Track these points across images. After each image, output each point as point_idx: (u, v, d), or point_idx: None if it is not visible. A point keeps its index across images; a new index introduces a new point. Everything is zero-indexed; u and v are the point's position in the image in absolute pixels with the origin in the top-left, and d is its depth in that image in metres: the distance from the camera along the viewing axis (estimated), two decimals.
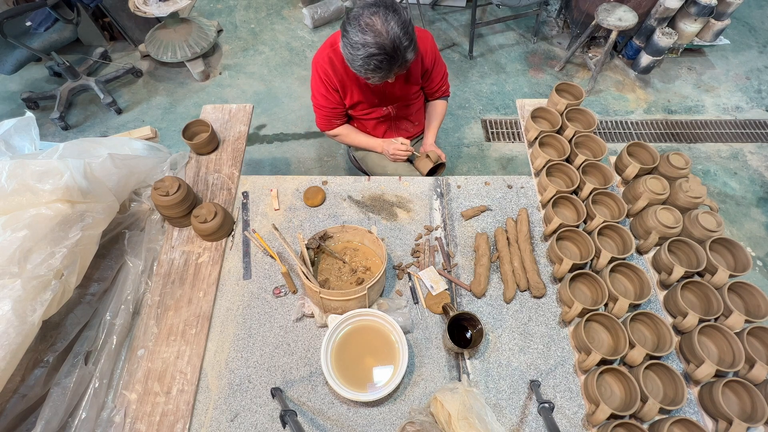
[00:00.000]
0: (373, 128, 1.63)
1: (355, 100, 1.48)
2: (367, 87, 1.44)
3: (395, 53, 1.12)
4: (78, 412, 0.98)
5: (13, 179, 0.95)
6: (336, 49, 1.35)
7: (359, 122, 1.62)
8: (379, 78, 1.19)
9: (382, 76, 1.18)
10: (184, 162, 1.44)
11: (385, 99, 1.51)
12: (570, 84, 1.48)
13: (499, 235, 1.27)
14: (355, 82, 1.42)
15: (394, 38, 1.10)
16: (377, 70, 1.15)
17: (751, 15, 3.55)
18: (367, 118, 1.57)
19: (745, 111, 2.91)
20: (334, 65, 1.38)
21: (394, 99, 1.52)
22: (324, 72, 1.39)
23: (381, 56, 1.11)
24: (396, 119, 1.62)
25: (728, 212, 2.39)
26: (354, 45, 1.12)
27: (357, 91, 1.45)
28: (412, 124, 1.68)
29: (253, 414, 1.02)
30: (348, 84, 1.43)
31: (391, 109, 1.55)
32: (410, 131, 1.70)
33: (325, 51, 1.38)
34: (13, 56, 2.26)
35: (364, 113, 1.55)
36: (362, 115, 1.56)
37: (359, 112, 1.55)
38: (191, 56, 2.70)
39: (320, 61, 1.38)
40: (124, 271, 1.18)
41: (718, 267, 1.10)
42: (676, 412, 0.98)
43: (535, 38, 3.25)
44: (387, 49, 1.11)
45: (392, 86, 1.44)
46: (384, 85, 1.41)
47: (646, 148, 1.36)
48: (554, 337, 1.13)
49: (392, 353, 1.07)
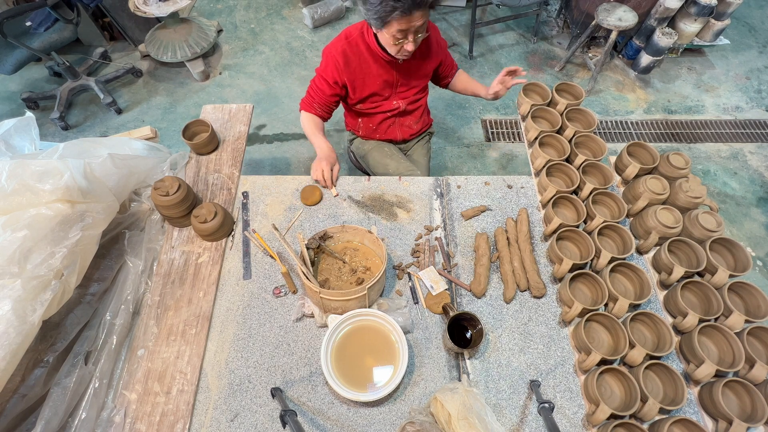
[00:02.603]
0: (378, 123, 1.63)
1: (368, 92, 1.49)
2: (382, 78, 1.45)
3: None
4: (78, 412, 0.98)
5: (13, 179, 0.95)
6: (351, 41, 1.37)
7: (367, 117, 1.62)
8: (398, 14, 1.15)
9: (401, 8, 1.14)
10: (184, 162, 1.44)
11: (397, 89, 1.52)
12: (570, 84, 1.48)
13: (499, 235, 1.27)
14: (370, 73, 1.43)
15: None
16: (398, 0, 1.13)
17: (751, 15, 3.55)
18: (376, 111, 1.58)
19: (745, 111, 2.91)
20: (348, 57, 1.38)
21: (407, 87, 1.53)
22: (335, 62, 1.39)
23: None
24: (403, 115, 1.64)
25: (728, 212, 2.39)
26: None
27: (371, 83, 1.46)
28: (415, 121, 1.69)
29: (253, 414, 1.02)
30: (361, 77, 1.43)
31: (401, 103, 1.56)
32: (413, 128, 1.71)
33: (340, 43, 1.38)
34: (13, 56, 2.26)
35: (374, 106, 1.56)
36: (372, 109, 1.57)
37: (369, 105, 1.55)
38: (191, 56, 2.70)
39: (333, 52, 1.39)
40: (124, 271, 1.18)
41: (718, 267, 1.10)
42: (676, 412, 0.98)
43: (535, 38, 3.25)
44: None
45: (407, 72, 1.47)
46: (398, 73, 1.45)
47: (646, 148, 1.36)
48: (554, 337, 1.13)
49: (392, 353, 1.07)
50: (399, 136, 1.70)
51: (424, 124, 1.75)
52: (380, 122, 1.63)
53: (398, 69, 1.45)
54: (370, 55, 1.39)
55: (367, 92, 1.49)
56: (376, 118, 1.62)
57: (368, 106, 1.56)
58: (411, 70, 1.49)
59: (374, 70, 1.42)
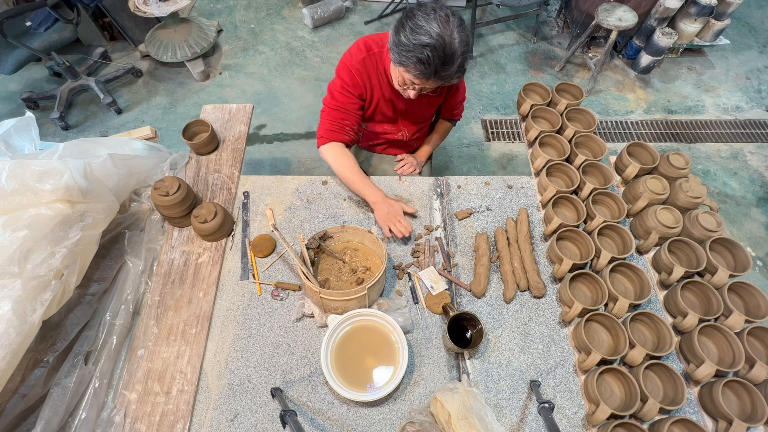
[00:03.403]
0: (374, 144, 1.63)
1: (377, 111, 1.42)
2: (392, 102, 1.39)
3: (447, 60, 1.09)
4: (78, 412, 0.98)
5: (13, 179, 0.95)
6: (372, 54, 1.28)
7: (367, 135, 1.61)
8: (416, 72, 1.12)
9: (421, 71, 1.11)
10: (184, 162, 1.44)
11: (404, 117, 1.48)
12: (570, 84, 1.49)
13: (499, 235, 1.27)
14: (383, 94, 1.35)
15: (456, 49, 1.08)
16: (423, 63, 1.09)
17: (751, 15, 3.55)
18: (379, 134, 1.54)
19: (745, 111, 2.91)
20: (368, 68, 1.29)
21: (414, 118, 1.49)
22: (357, 71, 1.28)
23: (436, 53, 1.07)
24: (403, 146, 1.63)
25: (728, 212, 2.39)
26: (419, 28, 1.07)
27: (382, 103, 1.39)
28: (416, 146, 1.69)
29: (253, 414, 1.02)
30: (371, 92, 1.35)
31: (405, 134, 1.53)
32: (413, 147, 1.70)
33: (361, 54, 1.28)
34: (13, 56, 2.26)
35: (380, 131, 1.52)
36: (377, 134, 1.54)
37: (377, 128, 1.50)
38: (191, 56, 2.70)
39: (354, 62, 1.28)
40: (124, 271, 1.18)
41: (718, 267, 1.10)
42: (676, 412, 0.98)
43: (535, 38, 3.25)
44: (445, 52, 1.07)
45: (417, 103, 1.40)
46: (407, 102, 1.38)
47: (646, 148, 1.36)
48: (554, 337, 1.13)
49: (392, 353, 1.07)
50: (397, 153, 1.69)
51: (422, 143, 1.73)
52: (381, 143, 1.62)
53: (408, 99, 1.35)
54: (386, 77, 1.31)
55: (376, 111, 1.42)
56: (378, 140, 1.60)
57: (375, 129, 1.51)
58: (421, 102, 1.42)
59: (386, 93, 1.35)
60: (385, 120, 1.48)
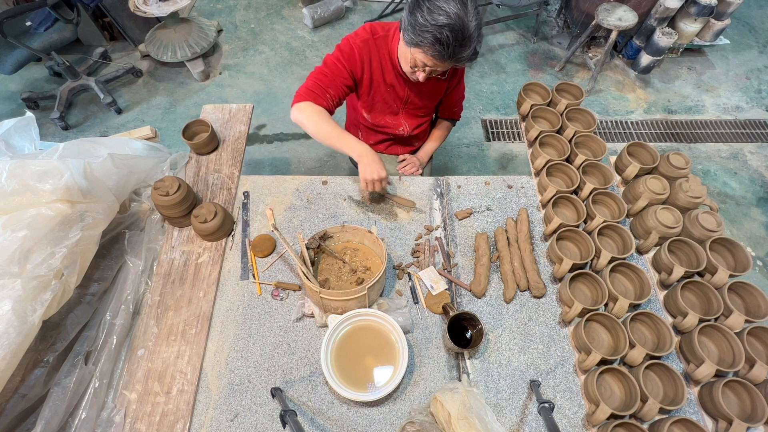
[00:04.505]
0: (375, 143, 1.61)
1: (377, 98, 1.42)
2: (394, 89, 1.38)
3: (464, 42, 1.10)
4: (78, 412, 0.98)
5: (13, 179, 0.95)
6: (377, 38, 1.28)
7: (369, 132, 1.59)
8: (433, 52, 1.12)
9: (438, 51, 1.11)
10: (184, 162, 1.44)
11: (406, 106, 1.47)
12: (570, 84, 1.48)
13: (499, 235, 1.27)
14: (384, 79, 1.35)
15: (472, 31, 1.09)
16: (441, 44, 1.09)
17: (751, 15, 3.55)
18: (381, 130, 1.53)
19: (745, 111, 2.91)
20: (370, 51, 1.29)
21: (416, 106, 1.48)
22: (358, 50, 1.28)
23: (454, 34, 1.07)
24: (405, 142, 1.62)
25: (728, 212, 2.39)
26: (437, 9, 1.07)
27: (383, 89, 1.38)
28: (418, 144, 1.69)
29: (253, 414, 1.02)
30: (372, 77, 1.35)
31: (406, 127, 1.53)
32: (414, 146, 1.70)
33: (365, 34, 1.28)
34: (13, 56, 2.26)
35: (382, 125, 1.51)
36: (379, 128, 1.53)
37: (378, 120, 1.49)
38: (191, 56, 2.70)
39: (358, 41, 1.28)
40: (124, 271, 1.18)
41: (718, 267, 1.10)
42: (676, 412, 0.98)
43: (535, 38, 3.25)
44: (463, 33, 1.08)
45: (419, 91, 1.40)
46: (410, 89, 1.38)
47: (646, 148, 1.36)
48: (554, 337, 1.13)
49: (392, 353, 1.07)
50: (399, 152, 1.69)
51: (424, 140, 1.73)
52: (382, 141, 1.61)
53: (411, 86, 1.37)
54: (389, 61, 1.31)
55: (376, 98, 1.41)
56: (379, 137, 1.60)
57: (376, 121, 1.50)
58: (423, 91, 1.41)
59: (388, 78, 1.35)
60: (386, 110, 1.47)
